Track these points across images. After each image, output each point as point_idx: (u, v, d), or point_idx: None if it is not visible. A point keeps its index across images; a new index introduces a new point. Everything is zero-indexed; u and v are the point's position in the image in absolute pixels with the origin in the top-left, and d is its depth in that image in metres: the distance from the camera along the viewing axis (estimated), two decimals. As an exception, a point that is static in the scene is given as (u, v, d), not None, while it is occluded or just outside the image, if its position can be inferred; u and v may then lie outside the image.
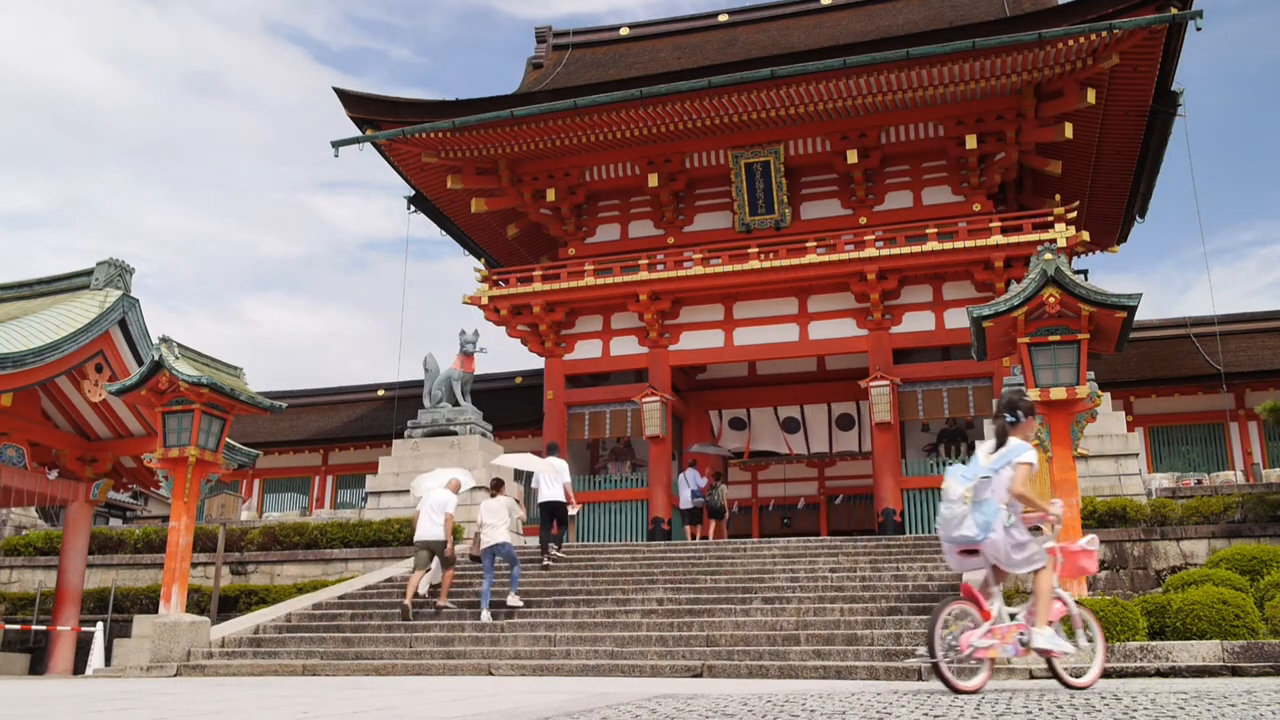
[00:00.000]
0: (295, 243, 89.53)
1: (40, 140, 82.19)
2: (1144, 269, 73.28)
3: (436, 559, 14.35)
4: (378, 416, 29.73)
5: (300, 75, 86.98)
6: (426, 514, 14.15)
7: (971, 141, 22.24)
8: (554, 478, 16.07)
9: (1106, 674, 9.73)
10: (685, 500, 20.78)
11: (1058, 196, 22.52)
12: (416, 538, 14.17)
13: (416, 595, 14.14)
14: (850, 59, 20.54)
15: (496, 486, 14.62)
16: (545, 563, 15.99)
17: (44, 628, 17.98)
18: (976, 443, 6.87)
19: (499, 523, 13.95)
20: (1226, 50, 71.51)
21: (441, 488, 14.51)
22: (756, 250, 22.92)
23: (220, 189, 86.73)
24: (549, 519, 16.25)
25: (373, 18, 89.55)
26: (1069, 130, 21.31)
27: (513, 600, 13.60)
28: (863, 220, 23.62)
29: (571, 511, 16.49)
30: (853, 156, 22.88)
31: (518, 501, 17.96)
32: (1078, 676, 6.42)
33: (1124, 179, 24.48)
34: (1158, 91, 21.30)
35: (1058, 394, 12.06)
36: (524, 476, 21.01)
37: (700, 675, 10.48)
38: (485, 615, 13.35)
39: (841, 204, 24.16)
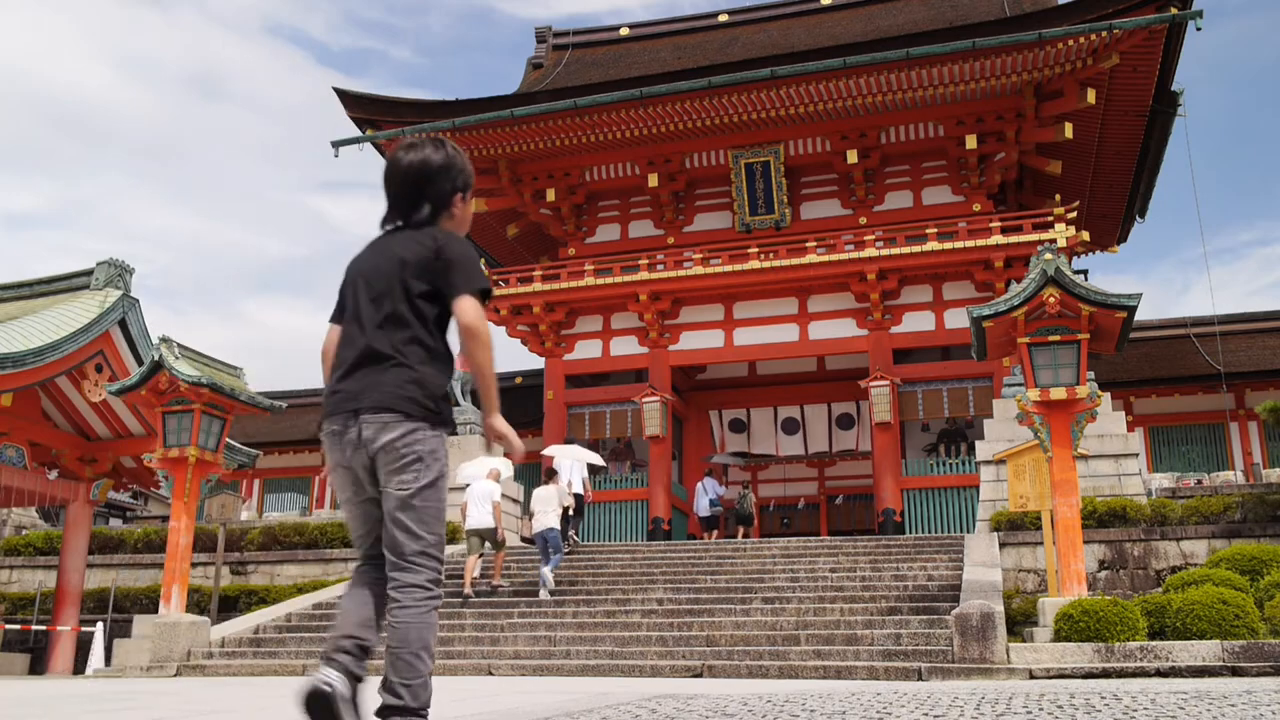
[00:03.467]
0: (297, 243, 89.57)
1: (43, 141, 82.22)
2: (1144, 269, 73.34)
3: (488, 543, 14.96)
4: (378, 416, 29.66)
5: (301, 76, 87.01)
6: (475, 503, 14.68)
7: (971, 141, 22.24)
8: (581, 470, 17.65)
9: (1105, 674, 9.74)
10: (703, 508, 21.07)
11: (1058, 196, 22.51)
12: (468, 526, 14.70)
13: (473, 581, 14.95)
14: (850, 59, 20.55)
15: (549, 475, 15.99)
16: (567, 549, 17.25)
17: (44, 628, 17.97)
18: None
19: (549, 509, 14.93)
20: (1226, 50, 71.54)
21: (484, 478, 15.06)
22: (756, 250, 22.92)
23: (222, 190, 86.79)
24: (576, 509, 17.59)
25: (373, 18, 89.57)
26: (1069, 130, 21.31)
27: (543, 594, 14.12)
28: (863, 220, 23.61)
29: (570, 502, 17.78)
30: (853, 156, 22.88)
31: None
32: None
33: (1124, 179, 24.48)
34: (1158, 91, 21.30)
35: (1058, 394, 12.06)
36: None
37: (700, 675, 10.49)
38: (548, 580, 14.34)
39: (841, 204, 24.16)
